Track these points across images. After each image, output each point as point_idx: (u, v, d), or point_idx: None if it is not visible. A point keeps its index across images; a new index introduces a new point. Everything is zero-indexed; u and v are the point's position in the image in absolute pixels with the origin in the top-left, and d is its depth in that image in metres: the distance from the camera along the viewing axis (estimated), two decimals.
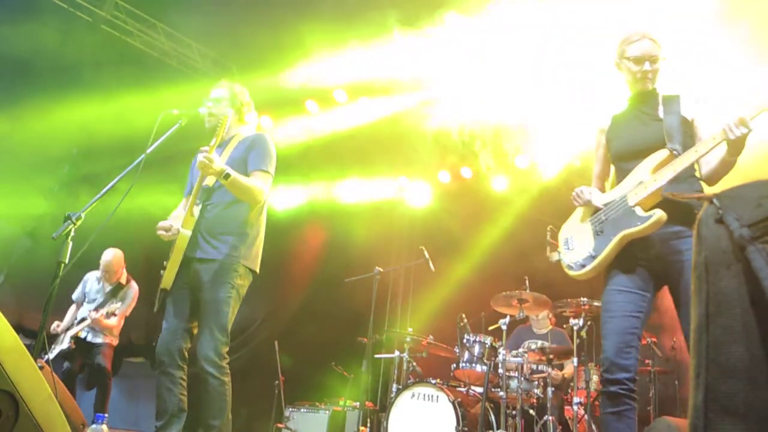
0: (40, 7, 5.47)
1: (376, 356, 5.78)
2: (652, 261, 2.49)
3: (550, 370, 4.66)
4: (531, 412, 4.62)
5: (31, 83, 5.45)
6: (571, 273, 2.72)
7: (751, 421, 1.01)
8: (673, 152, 2.45)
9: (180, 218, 3.16)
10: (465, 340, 4.87)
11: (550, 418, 4.42)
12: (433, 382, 4.61)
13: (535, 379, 4.75)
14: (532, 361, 4.83)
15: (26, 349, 1.72)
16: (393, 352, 5.47)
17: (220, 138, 3.09)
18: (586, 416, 4.54)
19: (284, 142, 6.76)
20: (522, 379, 4.62)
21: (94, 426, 2.86)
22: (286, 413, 5.77)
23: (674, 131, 2.50)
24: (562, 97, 5.67)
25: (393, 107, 6.59)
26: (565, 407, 4.91)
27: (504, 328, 4.70)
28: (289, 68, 6.06)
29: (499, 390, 4.54)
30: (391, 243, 8.04)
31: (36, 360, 1.96)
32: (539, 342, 5.29)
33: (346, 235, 7.33)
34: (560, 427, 4.59)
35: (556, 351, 4.79)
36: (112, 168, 3.42)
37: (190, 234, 3.07)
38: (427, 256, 5.37)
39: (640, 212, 2.44)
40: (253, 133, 3.37)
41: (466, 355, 4.82)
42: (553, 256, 3.21)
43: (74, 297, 5.63)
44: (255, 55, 6.16)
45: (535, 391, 4.69)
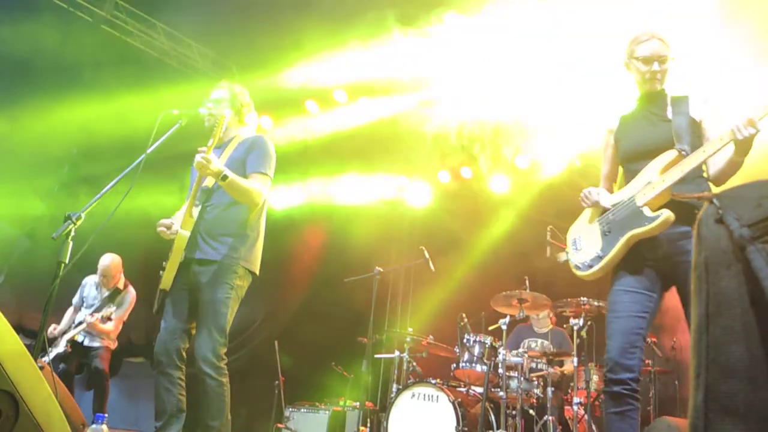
0: (40, 7, 5.46)
1: (376, 356, 5.77)
2: (660, 261, 2.49)
3: (549, 369, 4.66)
4: (531, 412, 4.62)
5: (31, 83, 5.44)
6: (578, 273, 2.72)
7: (751, 421, 1.01)
8: (682, 153, 2.44)
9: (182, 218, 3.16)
10: (465, 340, 4.87)
11: (550, 418, 4.42)
12: (433, 382, 4.61)
13: (534, 377, 4.75)
14: (532, 357, 4.83)
15: (26, 350, 1.72)
16: (393, 352, 5.47)
17: (217, 138, 3.07)
18: (586, 416, 4.54)
19: (284, 142, 6.76)
20: (522, 379, 4.62)
21: (94, 426, 2.86)
22: (286, 413, 5.77)
23: (683, 132, 2.50)
24: (562, 96, 5.67)
25: (393, 107, 6.59)
26: (565, 407, 4.91)
27: (504, 327, 4.70)
28: (289, 68, 6.06)
29: (499, 390, 4.54)
30: (391, 243, 8.04)
31: (36, 360, 1.96)
32: (539, 341, 5.29)
33: (346, 235, 7.33)
34: (560, 427, 4.59)
35: (555, 354, 4.79)
36: (112, 168, 3.41)
37: (188, 235, 3.07)
38: (427, 256, 5.37)
39: (648, 212, 2.44)
40: (252, 135, 3.36)
41: (466, 355, 4.82)
42: (561, 257, 3.21)
43: (73, 302, 5.63)
44: (255, 55, 6.16)
45: (535, 391, 4.69)
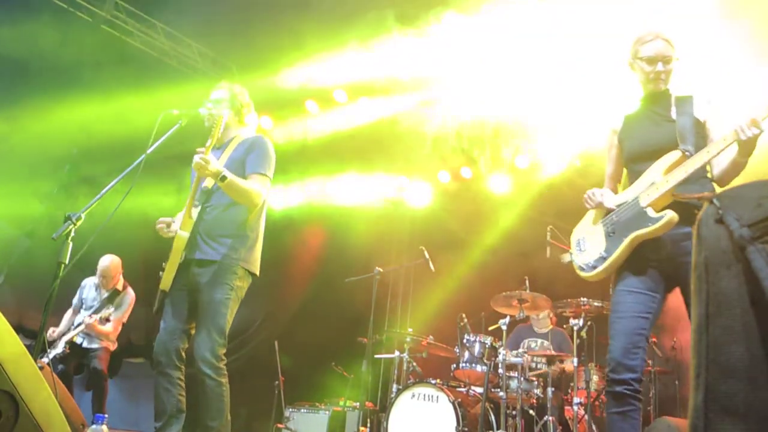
0: (40, 7, 5.46)
1: (376, 356, 5.77)
2: (663, 262, 2.49)
3: (550, 368, 4.66)
4: (531, 412, 4.62)
5: (31, 83, 5.44)
6: (582, 274, 2.71)
7: (751, 421, 1.01)
8: (686, 153, 2.44)
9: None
10: (465, 340, 4.86)
11: (550, 418, 4.41)
12: (433, 382, 4.61)
13: (534, 378, 4.75)
14: (532, 356, 4.82)
15: (26, 350, 1.72)
16: (393, 352, 5.47)
17: (215, 138, 3.07)
18: (586, 416, 4.54)
19: (284, 142, 6.76)
20: (522, 379, 4.62)
21: (94, 426, 2.86)
22: (286, 413, 5.76)
23: (687, 132, 2.50)
24: (562, 96, 5.67)
25: (393, 107, 6.58)
26: (565, 407, 4.91)
27: (504, 328, 4.70)
28: (288, 68, 6.06)
29: (499, 390, 4.54)
30: (391, 243, 8.04)
31: (36, 361, 1.96)
32: (539, 341, 5.28)
33: (346, 235, 7.33)
34: (560, 427, 4.58)
35: (555, 356, 4.79)
36: (111, 168, 3.41)
37: (187, 236, 3.07)
38: (427, 256, 5.37)
39: (652, 213, 2.44)
40: (252, 135, 3.36)
41: (466, 355, 4.82)
42: (565, 258, 3.21)
43: (72, 303, 5.62)
44: (255, 55, 6.16)
45: (535, 391, 4.68)
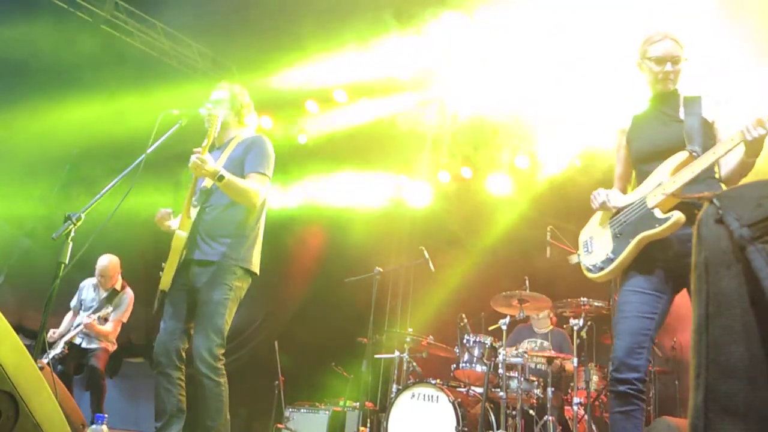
0: (40, 7, 5.46)
1: (376, 356, 5.77)
2: (670, 262, 2.49)
3: (549, 369, 4.66)
4: (531, 412, 4.62)
5: (31, 83, 5.44)
6: (590, 275, 2.72)
7: (751, 421, 1.01)
8: (693, 154, 2.44)
9: None
10: (465, 340, 4.86)
11: (550, 418, 4.41)
12: (433, 382, 4.61)
13: (534, 378, 4.75)
14: (532, 356, 4.82)
15: (26, 350, 1.72)
16: (393, 352, 5.47)
17: (212, 138, 3.07)
18: (586, 416, 4.54)
19: (284, 142, 6.76)
20: (522, 379, 4.62)
21: (94, 426, 2.86)
22: (286, 413, 5.76)
23: (694, 133, 2.50)
24: (562, 96, 5.67)
25: (393, 107, 6.59)
26: (565, 407, 4.91)
27: (504, 328, 4.70)
28: (288, 68, 6.06)
29: (499, 390, 4.54)
30: (391, 243, 8.03)
31: (36, 360, 1.96)
32: (538, 341, 5.28)
33: (346, 235, 7.33)
34: (560, 427, 4.58)
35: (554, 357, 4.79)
36: (111, 169, 3.41)
37: (185, 236, 3.06)
38: (427, 256, 5.37)
39: (659, 214, 2.44)
40: (252, 135, 3.36)
41: (466, 356, 4.82)
42: (573, 259, 3.20)
43: (71, 305, 5.62)
44: (254, 55, 6.16)
45: (535, 391, 4.68)
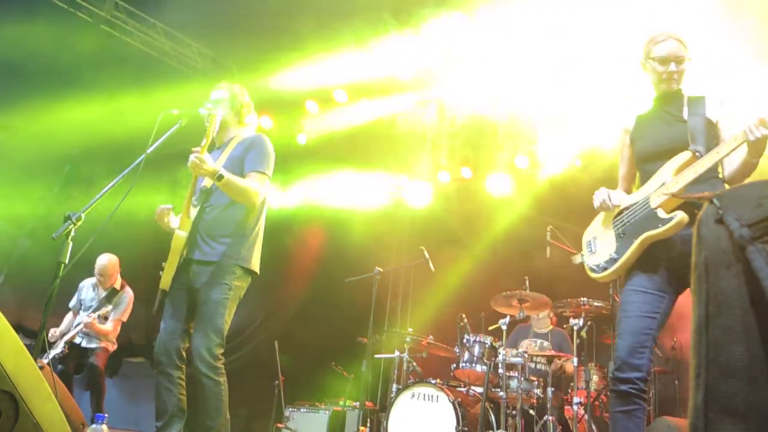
0: (39, 8, 5.46)
1: (376, 356, 5.77)
2: (674, 261, 2.49)
3: (549, 369, 4.66)
4: (531, 412, 4.62)
5: (31, 83, 5.44)
6: (593, 275, 2.72)
7: (751, 421, 1.01)
8: (696, 154, 2.44)
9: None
10: (465, 340, 4.86)
11: (550, 418, 4.41)
12: (433, 382, 4.61)
13: (534, 378, 4.75)
14: (531, 356, 4.83)
15: (26, 349, 1.72)
16: (393, 352, 5.47)
17: (210, 138, 3.06)
18: (586, 416, 4.54)
19: (284, 142, 6.76)
20: (522, 379, 4.62)
21: (94, 426, 2.86)
22: (286, 413, 5.76)
23: (698, 133, 2.50)
24: (562, 96, 5.66)
25: (393, 107, 6.59)
26: (565, 407, 4.91)
27: (504, 328, 4.70)
28: (288, 68, 6.06)
29: (499, 390, 4.54)
30: (391, 243, 8.04)
31: (36, 360, 1.96)
32: (538, 341, 5.28)
33: (346, 235, 7.33)
34: (560, 427, 4.58)
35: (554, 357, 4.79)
36: (111, 169, 3.41)
37: (185, 235, 3.06)
38: (427, 256, 5.37)
39: (662, 214, 2.44)
40: (252, 135, 3.36)
41: (466, 355, 4.82)
42: (576, 259, 3.20)
43: (71, 305, 5.61)
44: (255, 54, 6.16)
45: (535, 391, 4.68)
